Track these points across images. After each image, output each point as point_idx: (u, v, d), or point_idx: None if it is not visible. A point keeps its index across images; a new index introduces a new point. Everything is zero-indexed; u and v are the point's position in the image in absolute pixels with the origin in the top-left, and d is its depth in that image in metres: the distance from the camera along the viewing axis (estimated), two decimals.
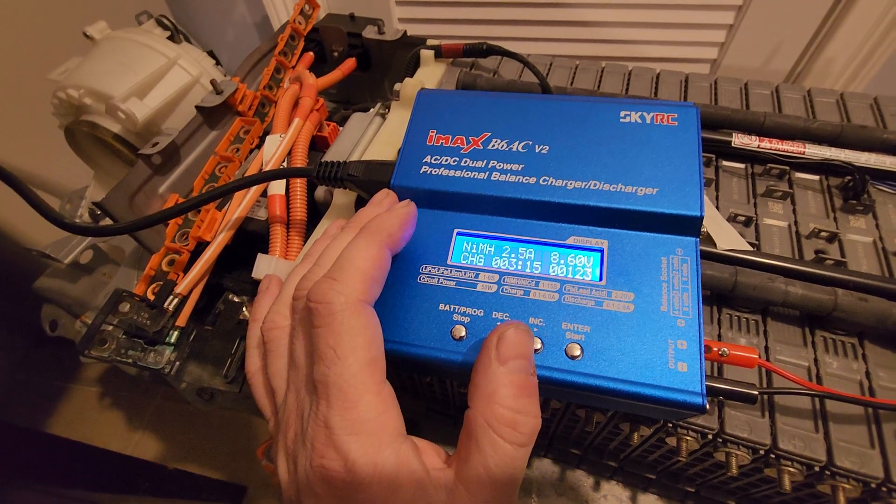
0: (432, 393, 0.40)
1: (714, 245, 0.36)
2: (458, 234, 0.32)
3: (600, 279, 0.29)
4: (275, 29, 0.96)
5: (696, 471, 0.37)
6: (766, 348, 0.33)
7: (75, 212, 0.59)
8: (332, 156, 0.45)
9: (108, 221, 0.54)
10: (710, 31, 0.82)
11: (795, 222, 0.39)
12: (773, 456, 0.30)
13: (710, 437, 0.31)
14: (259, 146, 0.51)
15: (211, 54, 0.58)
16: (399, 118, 0.46)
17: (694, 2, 0.79)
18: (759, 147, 0.41)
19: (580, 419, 0.35)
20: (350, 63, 0.60)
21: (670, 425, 0.31)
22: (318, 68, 0.62)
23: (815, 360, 0.32)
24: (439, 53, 0.51)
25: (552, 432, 0.40)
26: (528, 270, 0.30)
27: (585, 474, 0.43)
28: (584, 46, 0.88)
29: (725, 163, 0.43)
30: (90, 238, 0.57)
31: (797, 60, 0.83)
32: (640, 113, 0.33)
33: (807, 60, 0.82)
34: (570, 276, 0.30)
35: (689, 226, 0.30)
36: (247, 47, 1.06)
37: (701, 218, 0.30)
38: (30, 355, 1.15)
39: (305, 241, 0.42)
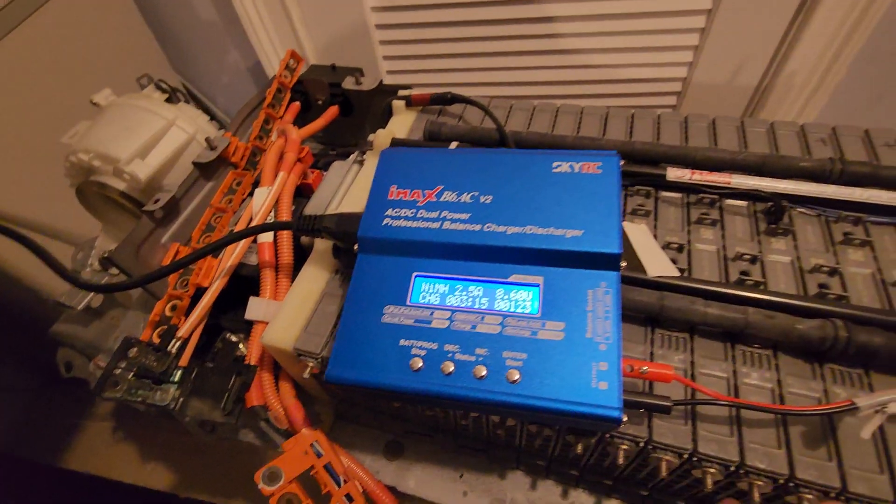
0: (407, 416, 0.46)
1: (645, 272, 0.41)
2: (417, 276, 0.38)
3: (537, 312, 0.35)
4: (266, 72, 1.04)
5: (642, 476, 0.42)
6: (692, 363, 0.38)
7: (86, 260, 0.65)
8: (313, 205, 0.51)
9: (116, 270, 0.61)
10: (677, 52, 0.88)
11: (724, 246, 0.44)
12: (695, 459, 0.35)
13: (641, 444, 0.36)
14: (251, 194, 0.57)
15: (206, 111, 0.64)
16: (373, 166, 0.51)
17: (659, 27, 0.85)
18: (690, 179, 0.46)
19: (534, 434, 0.40)
20: (332, 111, 0.66)
21: (608, 436, 0.37)
22: (304, 116, 0.69)
23: (735, 372, 0.37)
24: (409, 103, 0.57)
25: (518, 446, 0.45)
26: (476, 306, 0.36)
27: (554, 483, 0.49)
28: (561, 72, 0.94)
29: (664, 193, 0.48)
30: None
31: (762, 75, 0.88)
32: (569, 163, 0.39)
33: (771, 75, 0.87)
34: (512, 309, 0.35)
35: (610, 262, 0.35)
36: (240, 90, 1.14)
37: (619, 255, 0.35)
38: (44, 394, 1.22)
39: (292, 282, 0.48)
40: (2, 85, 0.82)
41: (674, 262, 0.42)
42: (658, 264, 0.41)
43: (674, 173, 0.47)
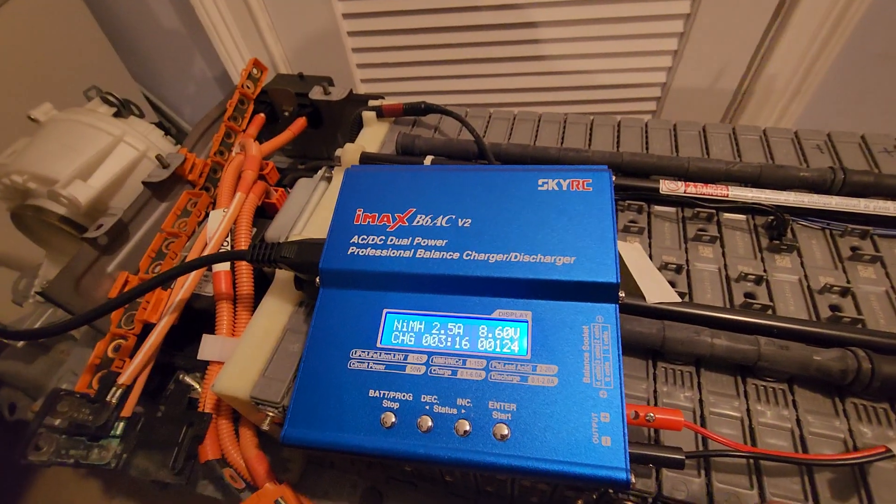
0: (387, 463, 0.40)
1: (644, 299, 0.36)
2: (388, 313, 0.32)
3: (526, 353, 0.30)
4: (234, 81, 0.97)
5: None
6: (701, 401, 0.33)
7: (29, 290, 0.59)
8: (276, 227, 0.45)
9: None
10: (656, 57, 0.84)
11: (725, 266, 0.39)
12: None
13: (649, 500, 0.31)
14: (208, 216, 0.51)
15: (160, 125, 0.58)
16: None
17: (637, 31, 0.81)
18: (685, 192, 0.42)
19: (527, 487, 0.35)
20: (300, 123, 0.60)
21: (611, 491, 0.31)
22: (271, 128, 0.63)
23: (748, 410, 0.33)
24: (381, 114, 0.52)
25: (510, 496, 0.40)
26: (456, 347, 0.31)
27: None
28: (539, 79, 0.89)
29: (657, 208, 0.43)
30: (46, 316, 0.57)
31: (742, 79, 0.85)
32: (556, 180, 0.34)
33: (751, 78, 0.84)
34: (497, 350, 0.30)
35: (607, 292, 0.30)
36: (208, 100, 1.07)
37: (617, 284, 0.30)
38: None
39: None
40: None
41: (672, 284, 0.38)
42: (657, 289, 0.36)
43: (667, 186, 0.42)
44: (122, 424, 0.40)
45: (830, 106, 0.88)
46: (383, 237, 0.34)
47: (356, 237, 0.34)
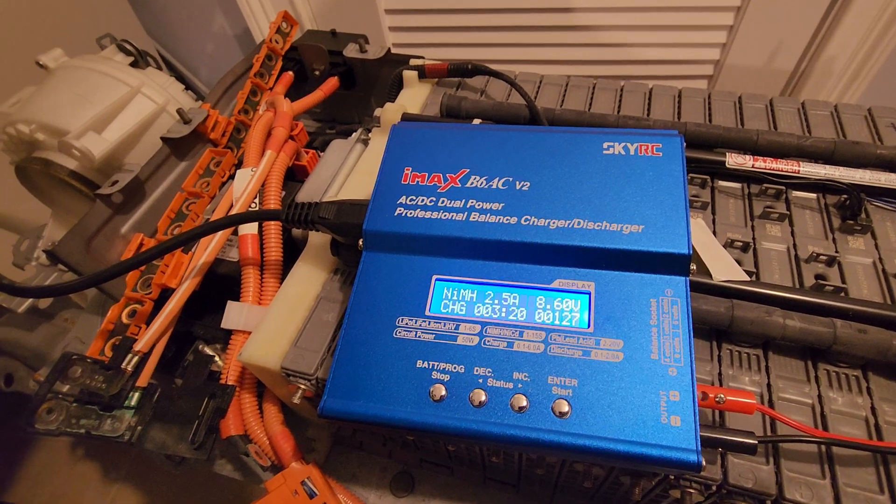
0: (424, 444, 0.40)
1: (710, 276, 0.36)
2: (437, 280, 0.32)
3: (588, 326, 0.30)
4: (256, 40, 0.97)
5: None
6: (769, 386, 0.33)
7: (32, 252, 0.59)
8: (307, 190, 0.45)
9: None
10: (710, 32, 0.84)
11: (794, 245, 0.39)
12: None
13: (714, 488, 0.31)
14: (233, 176, 0.51)
15: (180, 79, 0.58)
16: (380, 146, 0.46)
17: (692, 3, 0.81)
18: (753, 167, 0.41)
19: (579, 472, 0.35)
20: (332, 83, 0.60)
21: (672, 478, 0.32)
22: (299, 88, 0.63)
23: (819, 396, 0.33)
24: (423, 74, 0.52)
25: (555, 483, 0.40)
26: (511, 318, 0.31)
27: None
28: (584, 51, 0.89)
29: (722, 183, 0.43)
30: (51, 280, 0.57)
31: (799, 59, 0.84)
32: (623, 144, 0.34)
33: (809, 59, 0.83)
34: (556, 322, 0.30)
35: (678, 264, 0.30)
36: (227, 59, 1.07)
37: (689, 256, 0.30)
38: None
39: (281, 284, 0.42)
40: None
41: (738, 263, 0.38)
42: (723, 266, 0.36)
43: (734, 160, 0.42)
44: (137, 395, 0.40)
45: (892, 91, 0.87)
46: (433, 198, 0.34)
47: (404, 197, 0.34)
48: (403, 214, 0.34)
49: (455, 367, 0.29)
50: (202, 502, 1.00)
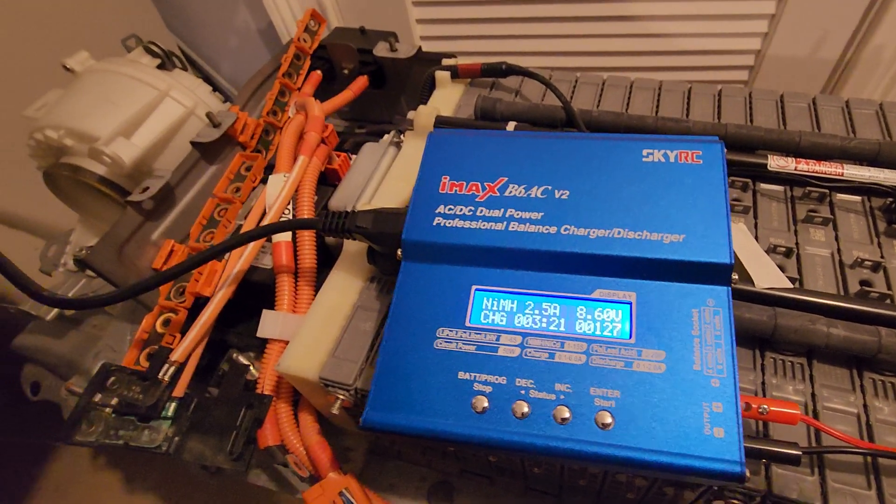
0: (463, 455, 0.42)
1: (752, 283, 0.37)
2: (477, 290, 0.34)
3: (630, 336, 0.32)
4: (280, 36, 0.99)
5: None
6: (813, 395, 0.35)
7: (59, 258, 0.62)
8: (340, 196, 0.47)
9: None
10: (751, 21, 0.84)
11: (838, 250, 0.41)
12: None
13: (758, 499, 0.32)
14: (264, 181, 0.54)
15: (207, 80, 0.60)
16: (413, 149, 0.48)
17: None
18: (796, 170, 0.43)
19: (622, 483, 0.37)
20: (362, 82, 0.62)
21: (715, 488, 0.33)
22: (327, 87, 0.65)
23: (865, 405, 0.34)
24: (456, 74, 0.54)
25: (598, 493, 0.42)
26: (552, 329, 0.32)
27: None
28: (622, 41, 0.90)
29: (764, 186, 0.45)
30: (79, 286, 0.60)
31: (844, 48, 0.84)
32: (662, 151, 0.36)
33: (855, 48, 0.83)
34: (597, 333, 0.32)
35: (719, 274, 0.32)
36: (250, 55, 1.09)
37: (731, 266, 0.32)
38: (9, 413, 1.17)
39: (316, 292, 0.44)
40: None
41: (781, 268, 0.39)
42: (766, 273, 0.38)
43: (776, 162, 0.43)
44: (173, 405, 0.42)
45: None
46: (472, 208, 0.36)
47: (442, 207, 0.36)
48: (442, 224, 0.36)
49: (497, 379, 0.31)
50: None
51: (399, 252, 0.36)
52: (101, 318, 0.62)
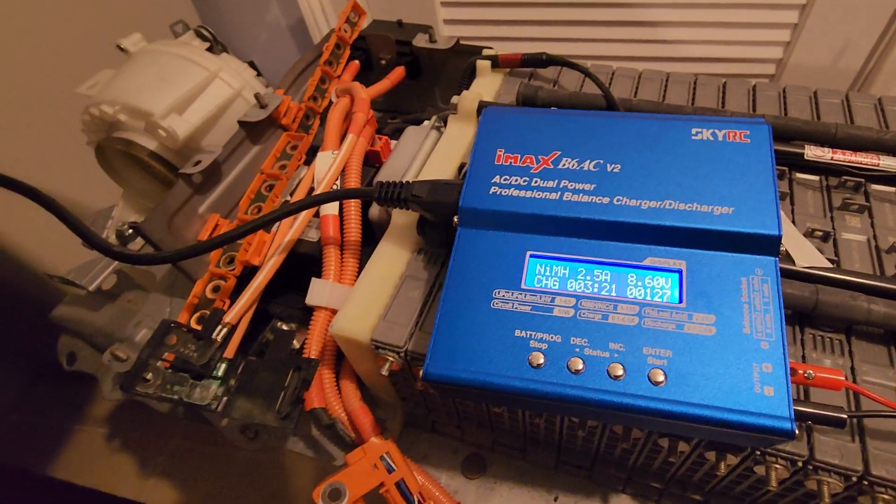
0: (500, 424, 0.43)
1: (793, 262, 0.39)
2: (531, 256, 0.36)
3: (680, 301, 0.33)
4: (310, 31, 1.02)
5: (785, 503, 0.40)
6: (853, 369, 0.36)
7: (101, 233, 0.63)
8: (387, 174, 0.49)
9: (138, 244, 0.59)
10: (774, 30, 0.87)
11: (874, 236, 0.42)
12: (865, 483, 0.32)
13: (800, 464, 0.33)
14: (307, 162, 0.56)
15: (252, 65, 0.62)
16: (457, 132, 0.50)
17: (757, 1, 0.83)
18: (832, 159, 0.44)
19: (662, 449, 0.38)
20: (399, 72, 0.64)
21: (758, 453, 0.34)
22: (364, 77, 0.66)
23: None
24: (496, 64, 0.56)
25: (632, 465, 0.43)
26: (604, 293, 0.34)
27: None
28: (645, 47, 0.92)
29: (800, 175, 0.46)
30: (116, 262, 0.61)
31: (867, 59, 0.86)
32: (711, 130, 0.37)
33: (877, 59, 0.85)
34: (648, 298, 0.33)
35: (768, 245, 0.33)
36: (280, 50, 1.12)
37: (779, 237, 0.33)
38: (27, 393, 1.18)
39: (360, 264, 0.46)
40: (9, 24, 0.79)
41: (819, 251, 0.40)
42: (806, 253, 0.39)
43: (813, 152, 0.45)
44: (223, 366, 0.44)
45: None
46: (527, 178, 0.37)
47: (498, 177, 0.38)
48: (498, 193, 0.37)
49: (552, 337, 0.33)
50: (239, 496, 1.04)
51: (455, 219, 0.38)
52: (136, 293, 0.63)
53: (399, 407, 0.48)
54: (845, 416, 0.31)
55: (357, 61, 0.64)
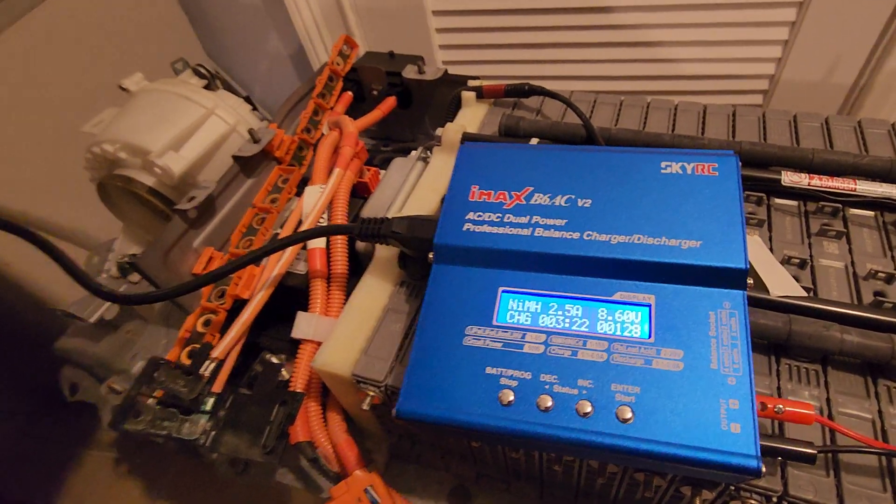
0: (483, 457, 0.43)
1: (767, 291, 0.38)
2: (504, 291, 0.36)
3: (649, 336, 0.33)
4: (310, 60, 1.03)
5: None
6: (828, 400, 0.35)
7: (102, 265, 0.64)
8: (373, 207, 0.49)
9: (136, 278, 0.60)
10: (765, 47, 0.86)
11: (852, 262, 0.41)
12: None
13: (774, 499, 0.33)
14: (298, 193, 0.56)
15: (247, 100, 0.63)
16: (441, 163, 0.50)
17: (746, 19, 0.83)
18: (809, 185, 0.44)
19: (640, 483, 0.38)
20: (390, 102, 0.65)
21: (733, 488, 0.34)
22: (357, 107, 0.68)
23: (880, 412, 0.34)
24: (480, 94, 0.56)
25: (614, 498, 0.42)
26: (575, 328, 0.34)
27: None
28: (636, 66, 0.92)
29: (778, 200, 0.46)
30: (121, 291, 0.62)
31: (859, 73, 0.85)
32: (680, 163, 0.37)
33: (869, 73, 0.84)
34: (618, 333, 0.33)
35: (735, 278, 0.33)
36: (281, 79, 1.14)
37: (745, 270, 0.33)
38: (36, 421, 1.19)
39: (347, 296, 0.46)
40: (20, 65, 0.81)
41: (795, 279, 0.40)
42: (780, 282, 0.39)
43: (790, 178, 0.44)
44: (211, 400, 0.44)
45: None
46: (500, 214, 0.37)
47: (472, 213, 0.38)
48: (471, 229, 0.37)
49: (522, 374, 0.32)
50: None
51: (431, 255, 0.38)
52: (136, 323, 0.64)
53: (385, 439, 0.48)
54: (815, 452, 0.31)
55: (350, 93, 0.65)
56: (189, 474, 1.09)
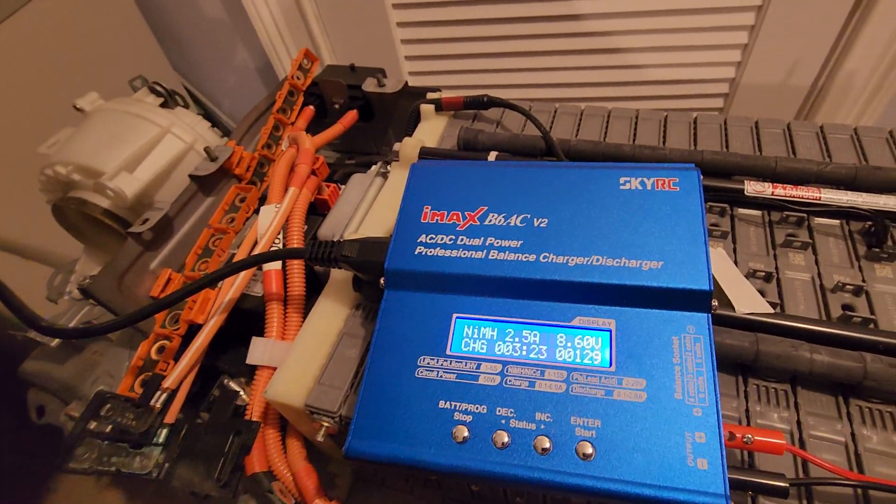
0: (446, 484, 0.40)
1: (733, 308, 0.35)
2: (458, 318, 0.32)
3: (609, 364, 0.29)
4: (277, 73, 0.99)
5: None
6: (799, 423, 0.32)
7: (64, 286, 0.60)
8: (329, 225, 0.45)
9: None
10: (725, 51, 0.83)
11: (819, 274, 0.38)
12: None
13: None
14: (257, 211, 0.52)
15: (207, 117, 0.59)
16: (399, 179, 0.47)
17: (705, 24, 0.80)
18: (773, 195, 0.40)
19: None
20: (352, 116, 0.60)
21: None
22: (319, 121, 0.63)
23: (853, 434, 0.31)
24: (440, 107, 0.52)
25: None
26: (532, 357, 0.30)
27: None
28: (599, 73, 0.89)
29: (741, 211, 0.42)
30: (82, 313, 0.58)
31: (817, 75, 0.83)
32: (640, 179, 0.34)
33: (827, 74, 0.82)
34: (577, 361, 0.30)
35: (699, 301, 0.30)
36: (248, 92, 1.09)
37: (710, 292, 0.29)
38: (19, 436, 1.14)
39: (304, 318, 0.42)
40: None
41: (761, 293, 0.37)
42: (746, 298, 0.35)
43: (753, 187, 0.41)
44: (164, 431, 0.40)
45: None
46: (453, 237, 0.34)
47: (424, 236, 0.34)
48: (424, 253, 0.33)
49: (477, 408, 0.29)
50: None
51: (382, 280, 0.34)
52: (101, 344, 0.59)
53: (349, 463, 0.44)
54: (787, 486, 0.28)
55: (311, 107, 0.61)
56: (168, 491, 1.05)
